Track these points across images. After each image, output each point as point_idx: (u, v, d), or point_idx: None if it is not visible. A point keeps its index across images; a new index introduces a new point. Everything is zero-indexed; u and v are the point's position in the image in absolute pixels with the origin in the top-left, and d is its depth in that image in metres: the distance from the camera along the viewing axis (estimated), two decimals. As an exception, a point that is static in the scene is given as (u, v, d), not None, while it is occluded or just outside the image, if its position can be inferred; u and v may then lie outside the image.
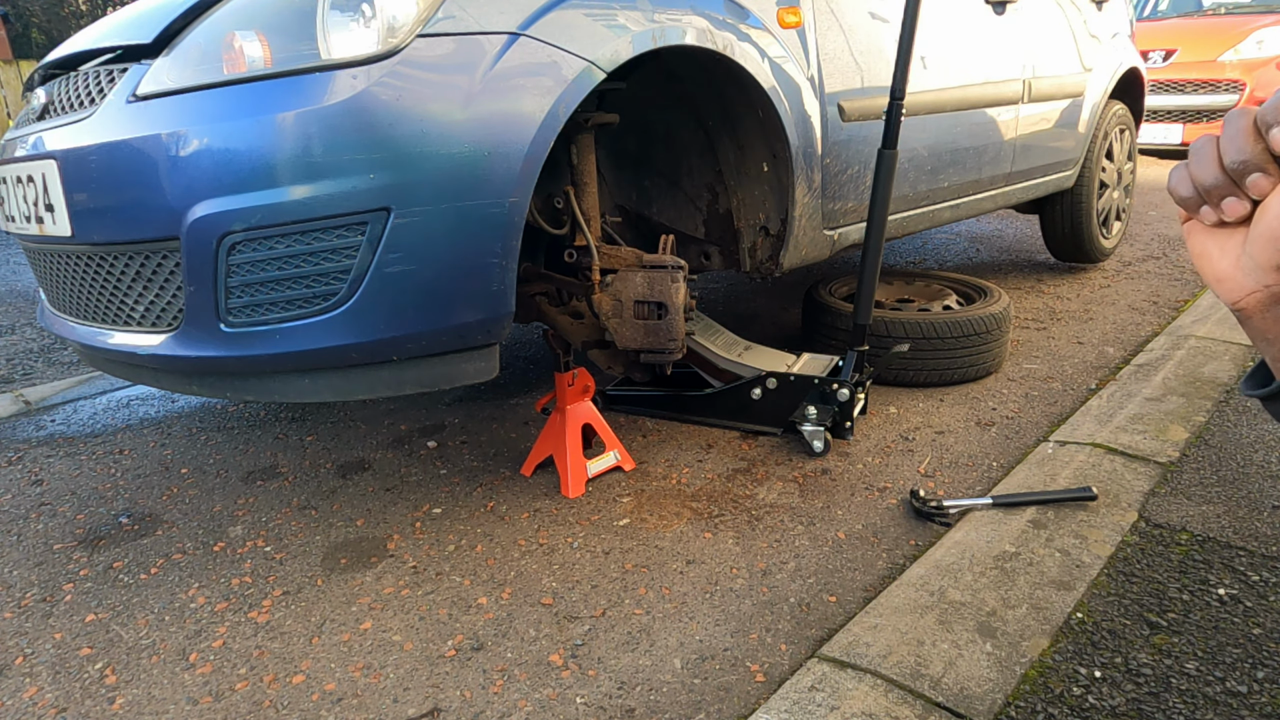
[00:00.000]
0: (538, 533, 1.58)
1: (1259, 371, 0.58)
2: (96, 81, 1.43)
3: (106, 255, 1.40)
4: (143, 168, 1.27)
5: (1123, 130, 3.53)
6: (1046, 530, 1.45)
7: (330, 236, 1.23)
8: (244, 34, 1.25)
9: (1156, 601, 1.26)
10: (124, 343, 1.44)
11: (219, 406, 2.34)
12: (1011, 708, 1.05)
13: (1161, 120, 6.43)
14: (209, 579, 1.47)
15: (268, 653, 1.27)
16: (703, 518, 1.62)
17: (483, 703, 1.15)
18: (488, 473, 1.84)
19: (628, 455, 1.84)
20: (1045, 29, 2.84)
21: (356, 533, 1.61)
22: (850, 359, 1.89)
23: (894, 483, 1.74)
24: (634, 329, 1.63)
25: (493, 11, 1.30)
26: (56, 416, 2.31)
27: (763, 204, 1.97)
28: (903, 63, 1.72)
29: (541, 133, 1.33)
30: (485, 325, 1.38)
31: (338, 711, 1.14)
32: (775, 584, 1.40)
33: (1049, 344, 2.62)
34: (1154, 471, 1.66)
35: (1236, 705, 1.04)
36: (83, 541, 1.61)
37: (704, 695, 1.15)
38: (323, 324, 1.28)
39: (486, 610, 1.36)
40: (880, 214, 1.81)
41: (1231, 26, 6.30)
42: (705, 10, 1.63)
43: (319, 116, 1.19)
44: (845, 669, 1.12)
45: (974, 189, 2.65)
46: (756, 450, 1.91)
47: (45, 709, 1.16)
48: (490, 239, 1.32)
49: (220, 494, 1.79)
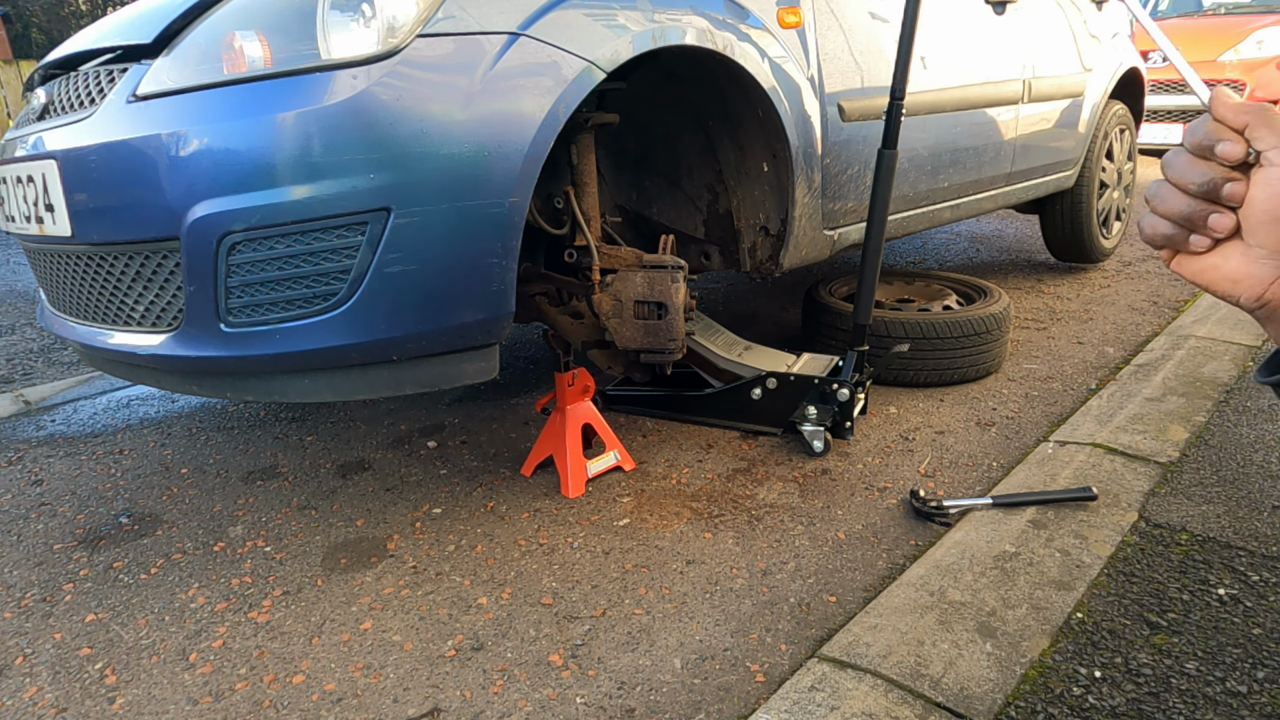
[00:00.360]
0: (538, 533, 1.58)
1: (1275, 359, 0.58)
2: (96, 81, 1.43)
3: (106, 255, 1.40)
4: (143, 168, 1.27)
5: (1123, 130, 3.53)
6: (1046, 530, 1.45)
7: (330, 236, 1.23)
8: (244, 34, 1.25)
9: (1156, 601, 1.26)
10: (124, 343, 1.44)
11: (219, 406, 2.34)
12: (1011, 708, 1.05)
13: (1161, 120, 6.43)
14: (209, 579, 1.47)
15: (268, 653, 1.27)
16: (703, 518, 1.62)
17: (483, 703, 1.15)
18: (488, 473, 1.84)
19: (628, 455, 1.84)
20: (1045, 29, 2.84)
21: (356, 533, 1.61)
22: (850, 359, 1.89)
23: (894, 483, 1.74)
24: (634, 329, 1.63)
25: (493, 11, 1.30)
26: (56, 416, 2.31)
27: (763, 204, 1.97)
28: (903, 63, 1.72)
29: (541, 133, 1.33)
30: (485, 325, 1.38)
31: (338, 711, 1.14)
32: (775, 584, 1.40)
33: (1049, 344, 2.62)
34: (1154, 471, 1.66)
35: (1236, 705, 1.04)
36: (83, 541, 1.61)
37: (704, 695, 1.15)
38: (323, 324, 1.28)
39: (486, 610, 1.36)
40: (880, 214, 1.81)
41: (1231, 26, 6.30)
42: (705, 10, 1.63)
43: (319, 116, 1.19)
44: (845, 669, 1.12)
45: (974, 189, 2.65)
46: (756, 450, 1.91)
47: (45, 709, 1.16)
48: (490, 239, 1.32)
49: (220, 494, 1.79)
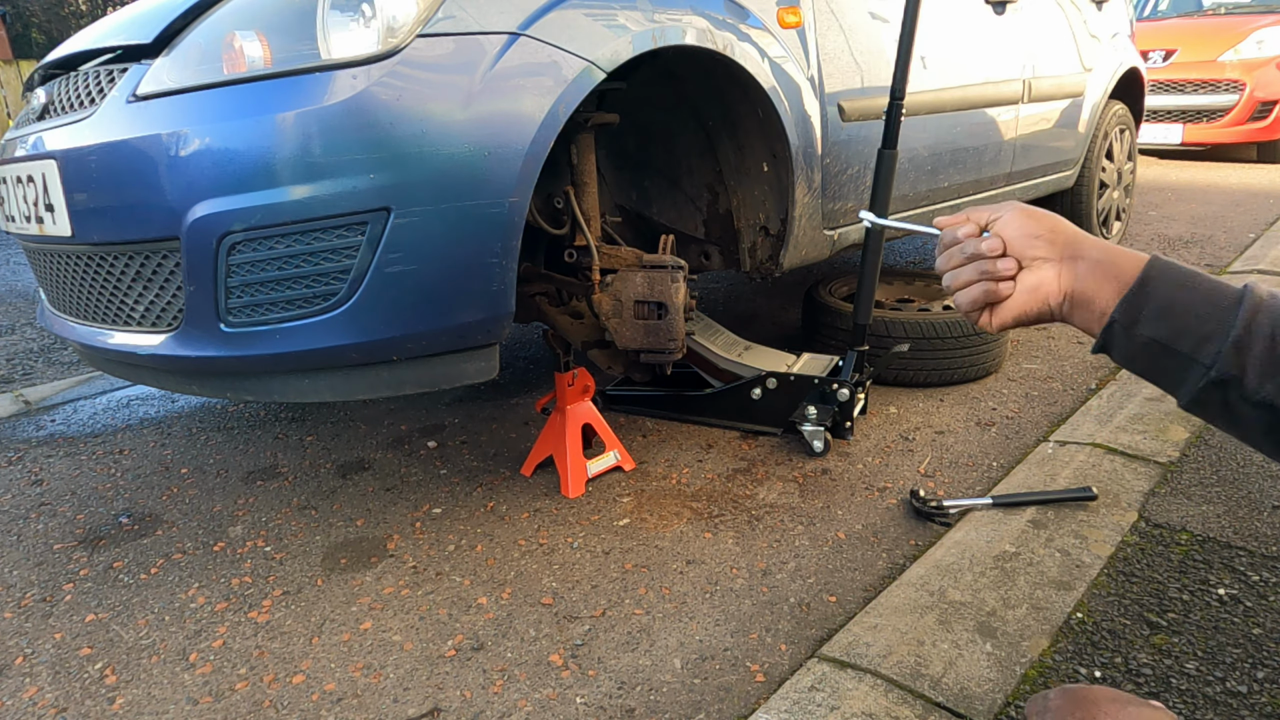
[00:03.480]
0: (538, 533, 1.58)
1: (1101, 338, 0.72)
2: (96, 81, 1.43)
3: (106, 255, 1.40)
4: (143, 168, 1.27)
5: (1123, 130, 3.53)
6: (1046, 530, 1.45)
7: (330, 236, 1.23)
8: (244, 34, 1.25)
9: (1156, 601, 1.26)
10: (124, 343, 1.44)
11: (219, 406, 2.34)
12: (1011, 708, 1.05)
13: (1161, 120, 6.43)
14: (209, 579, 1.47)
15: (268, 653, 1.27)
16: (703, 518, 1.62)
17: (483, 703, 1.15)
18: (488, 473, 1.84)
19: (628, 455, 1.84)
20: (1045, 29, 2.84)
21: (356, 533, 1.61)
22: (850, 359, 1.89)
23: (894, 483, 1.74)
24: (634, 329, 1.63)
25: (493, 11, 1.30)
26: (56, 416, 2.31)
27: (763, 204, 1.97)
28: (903, 63, 1.72)
29: (541, 133, 1.33)
30: (485, 325, 1.38)
31: (338, 711, 1.14)
32: (775, 584, 1.40)
33: (1049, 344, 2.62)
34: (1154, 471, 1.66)
35: (1236, 705, 1.04)
36: (83, 541, 1.61)
37: (704, 695, 1.15)
38: (323, 324, 1.28)
39: (486, 610, 1.36)
40: (880, 214, 1.81)
41: (1231, 26, 6.29)
42: (705, 10, 1.63)
43: (319, 116, 1.19)
44: (845, 669, 1.12)
45: (974, 189, 2.65)
46: (756, 450, 1.91)
47: (45, 709, 1.16)
48: (490, 239, 1.32)
49: (220, 494, 1.79)
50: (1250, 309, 0.61)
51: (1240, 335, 0.61)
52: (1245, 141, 6.24)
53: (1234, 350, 0.61)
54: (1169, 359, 0.65)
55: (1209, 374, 0.62)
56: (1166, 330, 0.64)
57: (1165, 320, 0.65)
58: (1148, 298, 0.66)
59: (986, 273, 0.74)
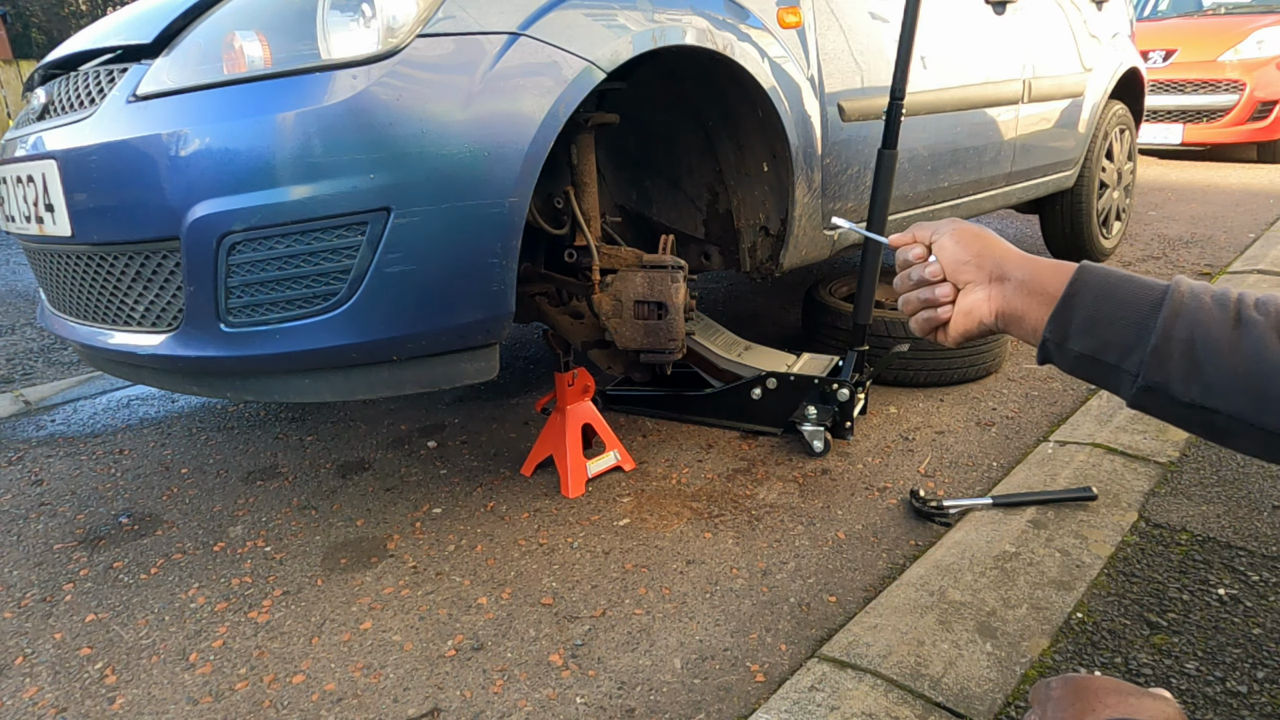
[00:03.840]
0: (538, 533, 1.58)
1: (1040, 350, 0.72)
2: (96, 81, 1.43)
3: (106, 255, 1.40)
4: (143, 168, 1.27)
5: (1123, 130, 3.53)
6: (1046, 530, 1.45)
7: (330, 236, 1.23)
8: (244, 34, 1.25)
9: (1156, 601, 1.26)
10: (124, 343, 1.44)
11: (219, 406, 2.34)
12: (1011, 708, 1.05)
13: (1161, 120, 6.43)
14: (209, 579, 1.47)
15: (268, 653, 1.27)
16: (703, 518, 1.62)
17: (483, 703, 1.15)
18: (488, 473, 1.84)
19: (628, 455, 1.84)
20: (1045, 29, 2.84)
21: (356, 533, 1.61)
22: (850, 359, 1.89)
23: (894, 483, 1.74)
24: (634, 329, 1.63)
25: (493, 11, 1.30)
26: (56, 416, 2.31)
27: (763, 204, 1.97)
28: (903, 63, 1.72)
29: (541, 133, 1.33)
30: (485, 325, 1.38)
31: (338, 711, 1.14)
32: (775, 584, 1.40)
33: (1049, 344, 2.62)
34: (1154, 471, 1.66)
35: (1236, 705, 1.04)
36: (83, 541, 1.61)
37: (704, 695, 1.15)
38: (323, 324, 1.28)
39: (486, 610, 1.36)
40: (880, 214, 1.81)
41: (1231, 26, 6.30)
42: (705, 10, 1.63)
43: (319, 116, 1.19)
44: (845, 669, 1.12)
45: (974, 189, 2.65)
46: (756, 450, 1.91)
47: (45, 709, 1.16)
48: (490, 239, 1.32)
49: (220, 494, 1.79)
50: (1169, 314, 0.62)
51: (1158, 344, 0.61)
52: (1245, 141, 6.25)
53: (1154, 358, 0.62)
54: (1101, 369, 0.66)
55: (1138, 381, 0.63)
56: (1093, 343, 0.65)
57: (1090, 334, 0.66)
58: (1073, 313, 0.67)
59: (927, 300, 0.78)
